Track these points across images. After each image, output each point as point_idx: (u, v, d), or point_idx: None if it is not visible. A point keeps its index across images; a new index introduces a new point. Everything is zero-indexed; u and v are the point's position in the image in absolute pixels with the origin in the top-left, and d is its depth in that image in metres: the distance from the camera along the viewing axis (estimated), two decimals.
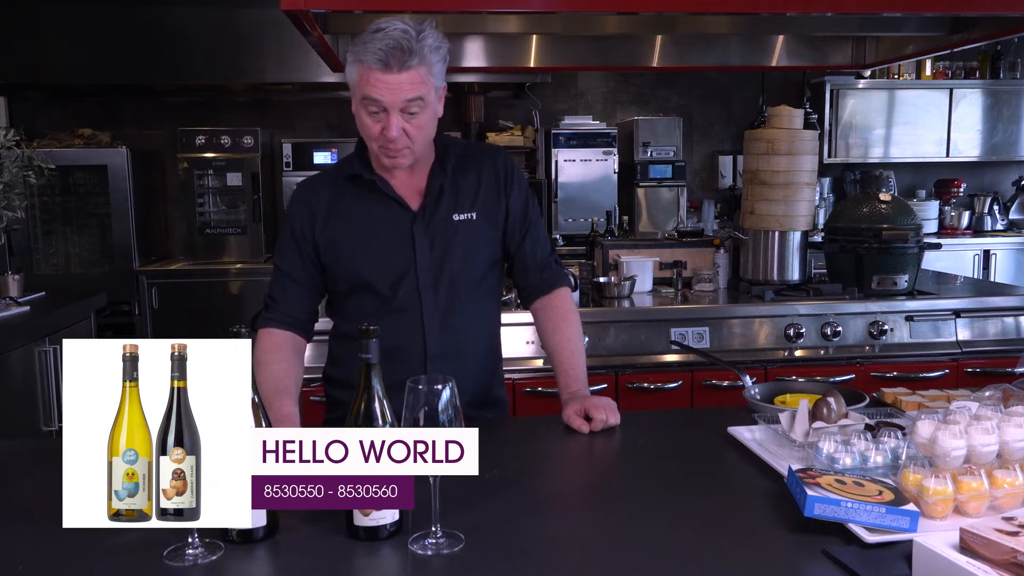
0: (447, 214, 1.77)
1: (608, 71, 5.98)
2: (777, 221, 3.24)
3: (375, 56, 1.56)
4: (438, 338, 1.77)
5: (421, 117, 1.63)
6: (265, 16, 5.14)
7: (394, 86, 1.57)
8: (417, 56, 1.56)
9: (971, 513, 1.24)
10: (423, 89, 1.60)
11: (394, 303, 1.76)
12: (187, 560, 1.15)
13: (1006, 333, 3.14)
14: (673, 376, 2.91)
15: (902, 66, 6.10)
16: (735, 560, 1.17)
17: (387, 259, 1.75)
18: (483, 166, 1.82)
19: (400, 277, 1.75)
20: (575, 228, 5.54)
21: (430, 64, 1.59)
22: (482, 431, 1.14)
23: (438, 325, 1.76)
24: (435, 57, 1.60)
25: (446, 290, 1.77)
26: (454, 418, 1.18)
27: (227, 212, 5.56)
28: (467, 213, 1.78)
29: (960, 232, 6.22)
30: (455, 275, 1.77)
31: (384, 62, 1.56)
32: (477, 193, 1.80)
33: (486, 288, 1.84)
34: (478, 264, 1.81)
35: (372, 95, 1.59)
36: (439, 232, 1.76)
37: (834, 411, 1.56)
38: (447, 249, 1.76)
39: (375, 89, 1.58)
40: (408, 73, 1.57)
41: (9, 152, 3.32)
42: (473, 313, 1.81)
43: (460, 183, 1.79)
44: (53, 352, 3.26)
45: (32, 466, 1.62)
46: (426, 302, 1.75)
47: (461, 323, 1.79)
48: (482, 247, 1.81)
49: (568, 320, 1.87)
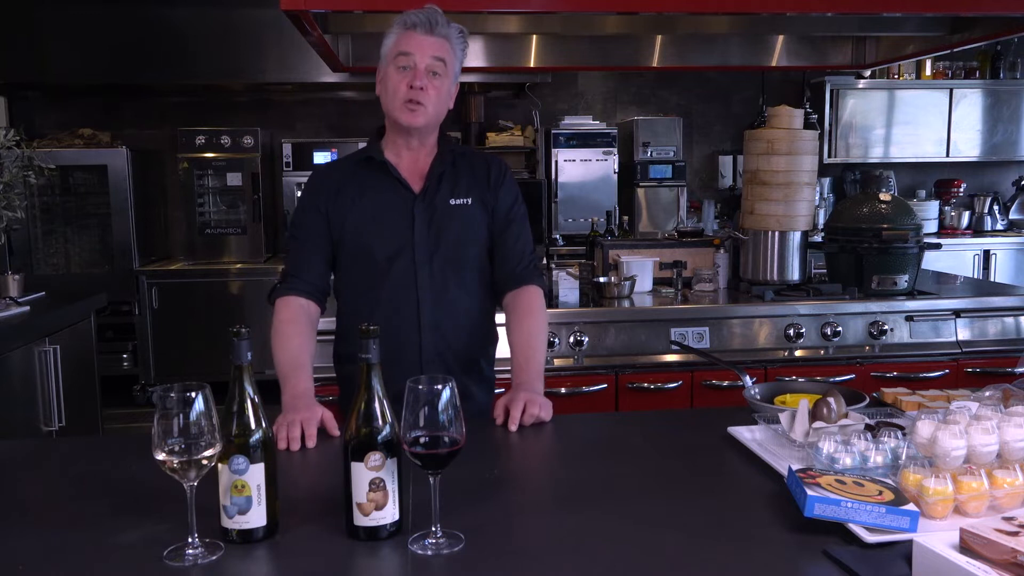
0: (445, 198, 1.94)
1: (608, 71, 5.98)
2: (777, 221, 3.24)
3: (413, 19, 1.83)
4: (431, 308, 1.92)
5: (441, 81, 1.85)
6: (265, 16, 5.15)
7: (425, 44, 1.83)
8: (444, 28, 1.85)
9: (971, 513, 1.24)
10: (448, 55, 1.85)
11: (391, 274, 1.92)
12: (187, 560, 1.15)
13: (1006, 333, 3.14)
14: (673, 376, 2.91)
15: (902, 66, 6.10)
16: (735, 560, 1.16)
17: (388, 233, 1.92)
18: (480, 163, 2.01)
19: (398, 251, 1.91)
20: (575, 228, 5.54)
21: (454, 43, 1.87)
22: (483, 431, 1.14)
23: (431, 296, 1.92)
24: (457, 41, 1.88)
25: (440, 265, 1.92)
26: (454, 418, 1.18)
27: (227, 212, 5.57)
28: (463, 198, 1.95)
29: (960, 232, 6.22)
30: (449, 252, 1.93)
31: (422, 24, 1.83)
32: (473, 182, 1.97)
33: (478, 267, 1.99)
34: (470, 244, 1.96)
35: (405, 48, 1.83)
36: (436, 213, 1.93)
37: (834, 411, 1.56)
38: (443, 228, 1.93)
39: (408, 44, 1.83)
40: (437, 38, 1.84)
41: (9, 152, 3.31)
42: (465, 288, 1.97)
43: (459, 172, 1.97)
44: (53, 352, 3.26)
45: (32, 466, 1.62)
46: (421, 275, 1.91)
47: (453, 296, 1.95)
48: (475, 229, 1.96)
49: (532, 315, 1.95)
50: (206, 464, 1.15)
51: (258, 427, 1.21)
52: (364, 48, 3.41)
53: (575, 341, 2.90)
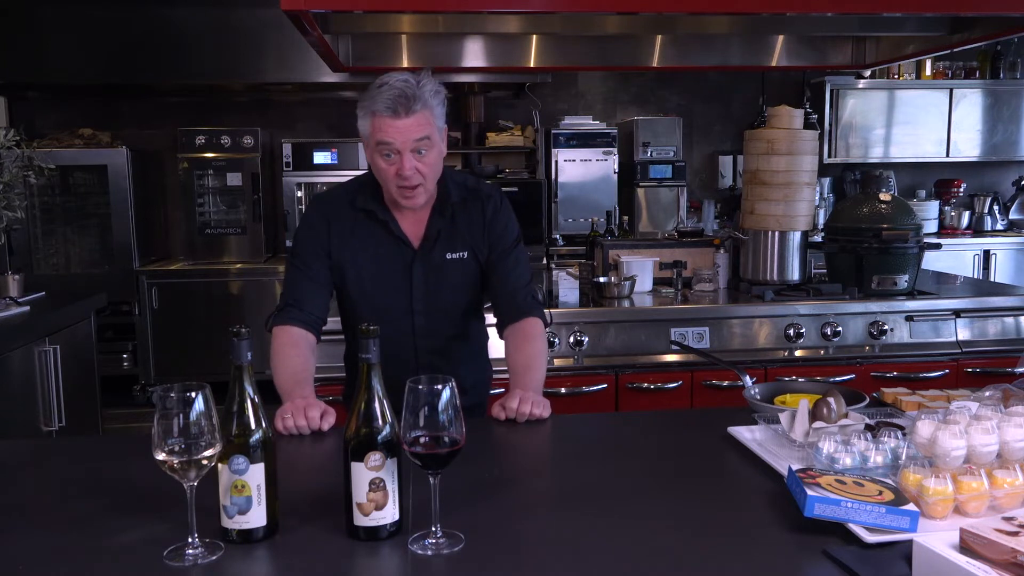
0: (442, 253, 1.98)
1: (608, 71, 5.98)
2: (777, 221, 3.24)
3: (384, 105, 1.76)
4: (428, 353, 1.99)
5: (429, 155, 1.83)
6: (265, 16, 5.15)
7: (403, 129, 1.77)
8: (420, 101, 1.77)
9: (971, 513, 1.24)
10: (429, 129, 1.80)
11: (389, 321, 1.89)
12: (187, 560, 1.15)
13: (1006, 333, 3.14)
14: (673, 376, 2.91)
15: (902, 66, 6.10)
16: (735, 560, 1.16)
17: (387, 287, 1.98)
18: (476, 208, 2.01)
19: (396, 303, 1.98)
20: (575, 228, 5.54)
21: (432, 107, 1.81)
22: (483, 431, 1.14)
23: (427, 342, 2.00)
24: (435, 101, 1.82)
25: (436, 315, 1.99)
26: (454, 418, 1.18)
27: (227, 212, 5.57)
28: (459, 252, 1.99)
29: (960, 232, 6.22)
30: (445, 303, 2.00)
31: (393, 109, 1.76)
32: (468, 231, 2.00)
33: (473, 310, 2.07)
34: (466, 294, 2.03)
35: (385, 139, 1.79)
36: (434, 269, 1.98)
37: (834, 411, 1.56)
38: (439, 283, 1.98)
39: (387, 133, 1.78)
40: (414, 117, 1.77)
41: (9, 152, 3.31)
42: (460, 332, 2.05)
43: (457, 224, 1.99)
44: (53, 352, 3.26)
45: (32, 466, 1.62)
46: (417, 323, 1.99)
47: (449, 340, 2.02)
48: (470, 280, 2.02)
49: (532, 342, 1.96)
50: (206, 464, 1.15)
51: (258, 427, 1.21)
52: (364, 48, 3.41)
53: (575, 341, 2.90)
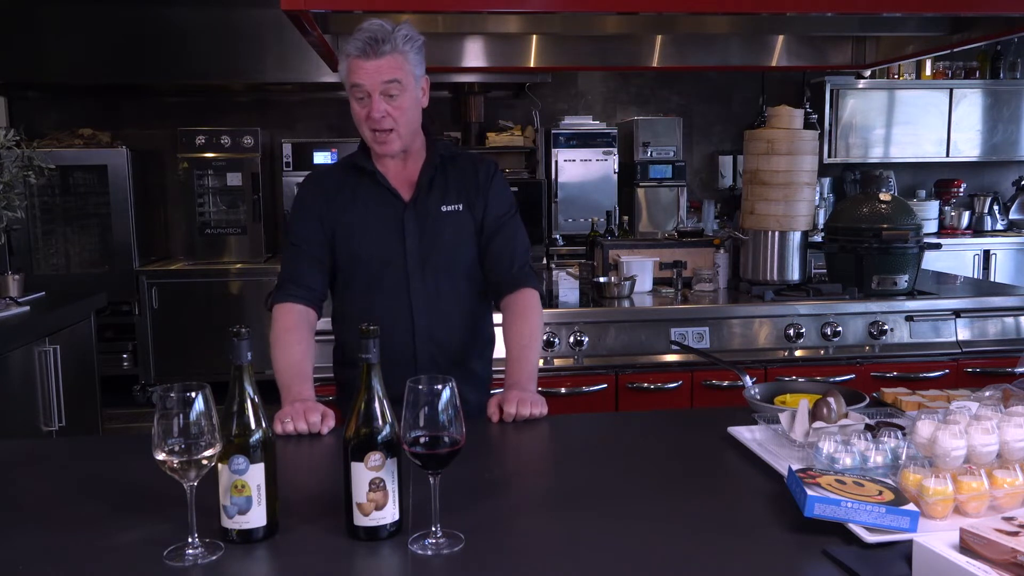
0: (436, 204, 1.94)
1: (608, 71, 5.98)
2: (777, 221, 3.24)
3: (355, 47, 1.79)
4: (424, 315, 1.93)
5: (401, 100, 1.82)
6: (265, 16, 5.15)
7: (371, 71, 1.79)
8: (390, 44, 1.78)
9: (971, 513, 1.24)
10: (399, 73, 1.80)
11: (384, 282, 1.93)
12: (187, 560, 1.15)
13: (1006, 333, 3.13)
14: (673, 376, 2.91)
15: (902, 66, 6.10)
16: (735, 560, 1.16)
17: (379, 242, 1.93)
18: (469, 166, 2.00)
19: (390, 259, 1.93)
20: (575, 228, 5.54)
21: (404, 52, 1.81)
22: (482, 431, 1.14)
23: (424, 303, 1.93)
24: (408, 46, 1.81)
25: (432, 272, 1.93)
26: (454, 418, 1.18)
27: (227, 212, 5.57)
28: (454, 204, 1.94)
29: (960, 232, 6.22)
30: (440, 260, 1.94)
31: (363, 51, 1.79)
32: (463, 187, 1.96)
33: (470, 272, 1.99)
34: (462, 251, 1.96)
35: (355, 80, 1.81)
36: (427, 221, 1.93)
37: (834, 411, 1.56)
38: (434, 236, 1.93)
39: (356, 75, 1.80)
40: (385, 59, 1.78)
41: (9, 152, 3.31)
42: (457, 294, 1.97)
43: (449, 177, 1.96)
44: (53, 352, 3.26)
45: (32, 466, 1.62)
46: (413, 282, 1.93)
47: (446, 303, 1.95)
48: (467, 236, 1.96)
49: (527, 317, 1.95)
50: (206, 464, 1.15)
51: (258, 427, 1.21)
52: None
53: (575, 341, 2.90)
